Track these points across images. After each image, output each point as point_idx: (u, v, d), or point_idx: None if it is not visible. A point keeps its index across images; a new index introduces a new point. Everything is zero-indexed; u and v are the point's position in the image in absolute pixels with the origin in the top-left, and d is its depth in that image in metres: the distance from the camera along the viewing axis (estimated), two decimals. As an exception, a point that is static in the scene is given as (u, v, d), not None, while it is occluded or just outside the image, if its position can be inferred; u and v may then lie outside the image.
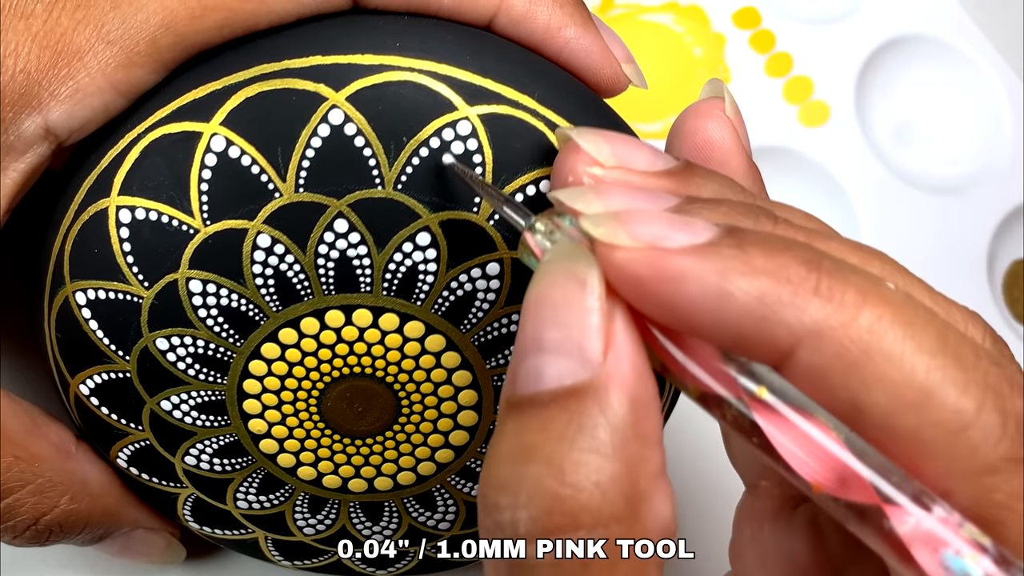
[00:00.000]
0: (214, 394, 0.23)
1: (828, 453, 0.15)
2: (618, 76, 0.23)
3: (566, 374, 0.15)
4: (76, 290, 0.22)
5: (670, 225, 0.16)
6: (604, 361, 0.15)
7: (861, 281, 0.15)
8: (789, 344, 0.15)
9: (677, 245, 0.16)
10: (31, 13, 0.20)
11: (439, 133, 0.21)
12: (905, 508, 0.15)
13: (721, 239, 0.16)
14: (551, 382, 0.15)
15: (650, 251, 0.16)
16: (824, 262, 0.16)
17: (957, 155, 0.40)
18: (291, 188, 0.21)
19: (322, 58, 0.21)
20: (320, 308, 0.22)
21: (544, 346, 0.16)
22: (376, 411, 0.23)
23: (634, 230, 0.16)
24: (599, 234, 0.16)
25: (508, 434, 0.16)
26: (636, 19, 0.39)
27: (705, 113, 0.21)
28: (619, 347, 0.16)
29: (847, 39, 0.40)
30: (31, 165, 0.21)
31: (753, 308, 0.15)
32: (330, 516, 0.25)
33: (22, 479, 0.23)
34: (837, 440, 0.15)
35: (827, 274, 0.15)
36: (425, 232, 0.21)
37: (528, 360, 0.16)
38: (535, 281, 0.16)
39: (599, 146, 0.19)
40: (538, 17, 0.22)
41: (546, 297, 0.16)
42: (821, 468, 0.15)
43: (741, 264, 0.15)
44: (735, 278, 0.15)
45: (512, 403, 0.16)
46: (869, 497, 0.15)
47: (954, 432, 0.15)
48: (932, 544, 0.15)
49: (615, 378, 0.15)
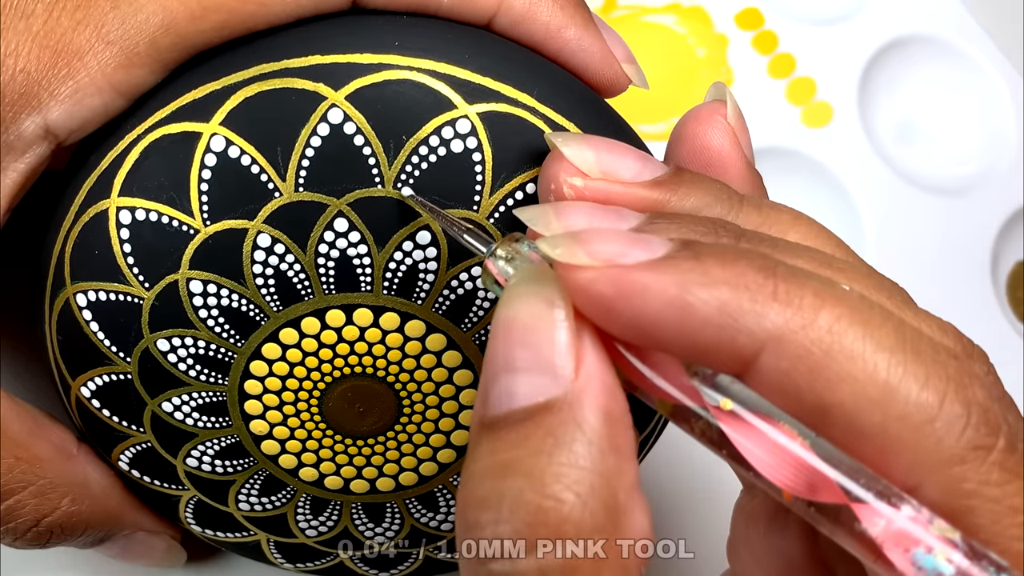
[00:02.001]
0: (215, 395, 0.23)
1: (795, 458, 0.16)
2: (619, 76, 0.23)
3: (538, 391, 0.16)
4: (77, 292, 0.22)
5: (627, 242, 0.16)
6: (576, 377, 0.16)
7: (816, 284, 0.16)
8: (752, 351, 0.15)
9: (635, 261, 0.16)
10: (31, 13, 0.21)
11: (438, 131, 0.21)
12: (874, 508, 0.15)
13: (677, 252, 0.16)
14: (523, 400, 0.16)
15: (609, 269, 0.16)
16: (779, 268, 0.16)
17: (961, 156, 0.40)
18: (291, 188, 0.21)
19: (321, 57, 0.21)
20: (321, 308, 0.22)
21: (515, 366, 0.16)
22: (377, 411, 0.23)
23: (592, 249, 0.16)
24: (557, 255, 0.16)
25: (483, 453, 0.16)
26: (639, 20, 0.39)
27: (706, 118, 0.21)
28: (589, 363, 0.16)
29: (850, 40, 0.39)
30: (31, 165, 0.21)
31: (714, 318, 0.15)
32: (332, 517, 0.25)
33: (24, 480, 0.23)
34: (804, 445, 0.16)
35: (783, 279, 0.16)
36: (425, 231, 0.21)
37: (499, 381, 0.16)
38: (502, 305, 0.17)
39: (583, 154, 0.19)
40: (538, 17, 0.22)
41: (514, 319, 0.16)
42: (790, 473, 0.16)
43: (699, 275, 0.16)
44: (694, 289, 0.15)
45: (485, 424, 0.16)
46: (838, 498, 0.15)
47: (919, 425, 0.15)
48: (903, 543, 0.15)
49: (588, 393, 0.16)
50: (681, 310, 0.15)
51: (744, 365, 0.16)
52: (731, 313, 0.15)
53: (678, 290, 0.15)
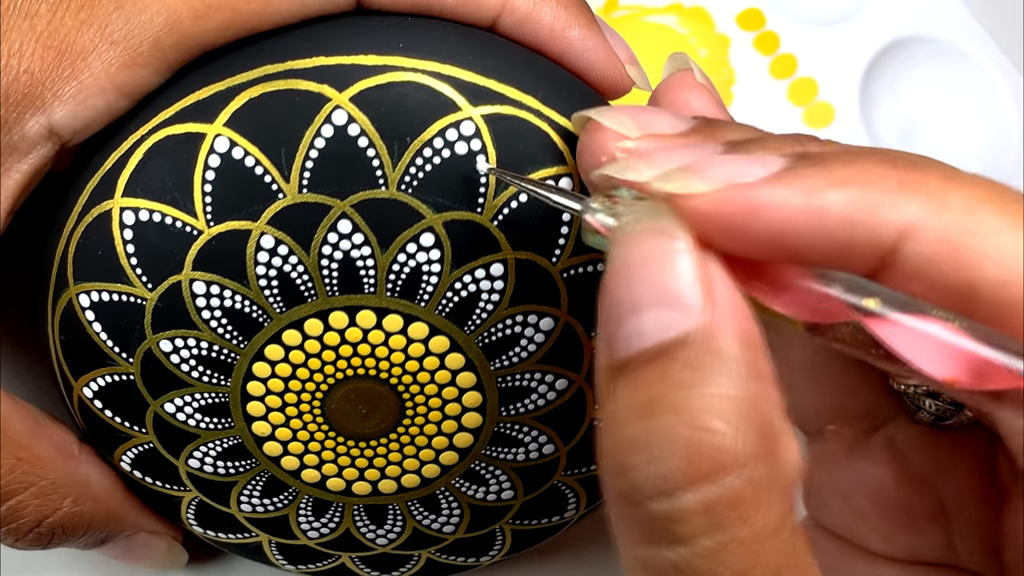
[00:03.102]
0: (217, 396, 0.23)
1: (954, 347, 0.15)
2: (622, 78, 0.23)
3: (670, 325, 0.15)
4: (79, 292, 0.22)
5: (743, 163, 0.16)
6: (707, 307, 0.15)
7: (939, 169, 0.16)
8: (891, 241, 0.15)
9: (756, 178, 0.16)
10: (35, 13, 0.20)
11: (443, 133, 0.21)
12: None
13: (795, 163, 0.16)
14: (656, 336, 0.15)
15: (731, 189, 0.16)
16: (899, 159, 0.16)
17: (962, 156, 0.40)
18: (295, 189, 0.21)
19: (326, 59, 0.21)
20: (324, 309, 0.22)
21: (641, 303, 0.15)
22: (380, 413, 0.23)
23: (709, 176, 0.16)
24: (673, 187, 0.16)
25: (621, 396, 0.15)
26: (640, 21, 0.39)
27: (678, 86, 0.21)
28: (719, 291, 0.15)
29: (852, 40, 0.39)
30: (34, 166, 0.21)
31: (848, 215, 0.15)
32: (334, 519, 0.25)
33: (25, 481, 0.23)
34: (959, 331, 0.15)
35: (905, 169, 0.16)
36: (429, 233, 0.21)
37: (626, 322, 0.16)
38: (617, 246, 0.16)
39: (621, 121, 0.19)
40: (542, 18, 0.22)
41: (634, 257, 0.16)
42: (952, 363, 0.15)
43: (824, 179, 0.15)
44: (823, 193, 0.15)
45: (616, 368, 0.16)
46: (1009, 382, 0.15)
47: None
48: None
49: (722, 321, 0.15)
50: (814, 215, 0.15)
51: (882, 259, 0.16)
52: (864, 208, 0.15)
53: (807, 197, 0.15)
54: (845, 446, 0.21)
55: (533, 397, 0.23)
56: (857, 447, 0.21)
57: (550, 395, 0.23)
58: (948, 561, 0.21)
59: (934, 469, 0.20)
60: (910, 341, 0.16)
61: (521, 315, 0.22)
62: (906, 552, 0.21)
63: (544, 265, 0.22)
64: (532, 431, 0.24)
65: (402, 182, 0.21)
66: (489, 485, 0.25)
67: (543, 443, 0.24)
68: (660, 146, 0.18)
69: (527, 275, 0.22)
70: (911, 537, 0.21)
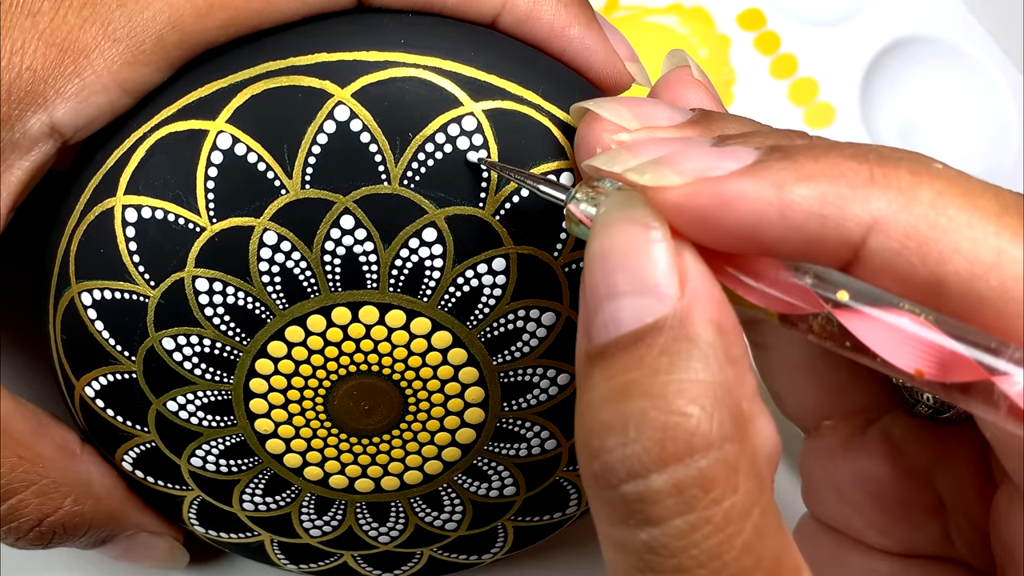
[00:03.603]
0: (220, 394, 0.23)
1: (922, 339, 0.15)
2: (622, 74, 0.23)
3: (646, 312, 0.16)
4: (82, 290, 0.22)
5: (715, 156, 0.16)
6: (682, 294, 0.16)
7: (910, 163, 0.16)
8: (859, 235, 0.15)
9: (727, 171, 0.16)
10: (38, 11, 0.21)
11: (444, 129, 0.21)
12: (1011, 374, 0.15)
13: (767, 156, 0.16)
14: (631, 322, 0.16)
15: (703, 182, 0.16)
16: (870, 154, 0.16)
17: (963, 156, 0.40)
18: (297, 185, 0.21)
19: (327, 55, 0.21)
20: (327, 305, 0.22)
21: (617, 291, 0.16)
22: (383, 409, 0.23)
23: (681, 168, 0.16)
24: (647, 180, 0.16)
25: (596, 382, 0.16)
26: (640, 21, 0.39)
27: (675, 82, 0.21)
28: (693, 278, 0.16)
29: (852, 40, 0.39)
30: (36, 163, 0.21)
31: (817, 209, 0.15)
32: (336, 517, 0.25)
33: (26, 480, 0.23)
34: (927, 324, 0.15)
35: (876, 163, 0.16)
36: (431, 228, 0.21)
37: (603, 309, 0.16)
38: (594, 236, 0.16)
39: (619, 112, 0.19)
40: (542, 16, 0.22)
41: (611, 246, 0.16)
42: (919, 356, 0.16)
43: (794, 172, 0.16)
44: (793, 186, 0.16)
45: (593, 354, 0.16)
46: (975, 374, 0.15)
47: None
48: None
49: (696, 307, 0.15)
50: (784, 208, 0.15)
51: (852, 252, 0.16)
52: (833, 202, 0.15)
53: (777, 189, 0.16)
54: (841, 441, 0.21)
55: (535, 392, 0.23)
56: (853, 441, 0.21)
57: (552, 390, 0.23)
58: (944, 554, 0.21)
59: (931, 462, 0.20)
60: (879, 334, 0.16)
61: (523, 310, 0.22)
62: (902, 545, 0.21)
63: (546, 260, 0.22)
64: (534, 426, 0.24)
65: (404, 177, 0.21)
66: (491, 481, 0.25)
67: (545, 438, 0.24)
68: (651, 139, 0.18)
69: (529, 270, 0.22)
70: (908, 530, 0.21)
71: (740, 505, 0.15)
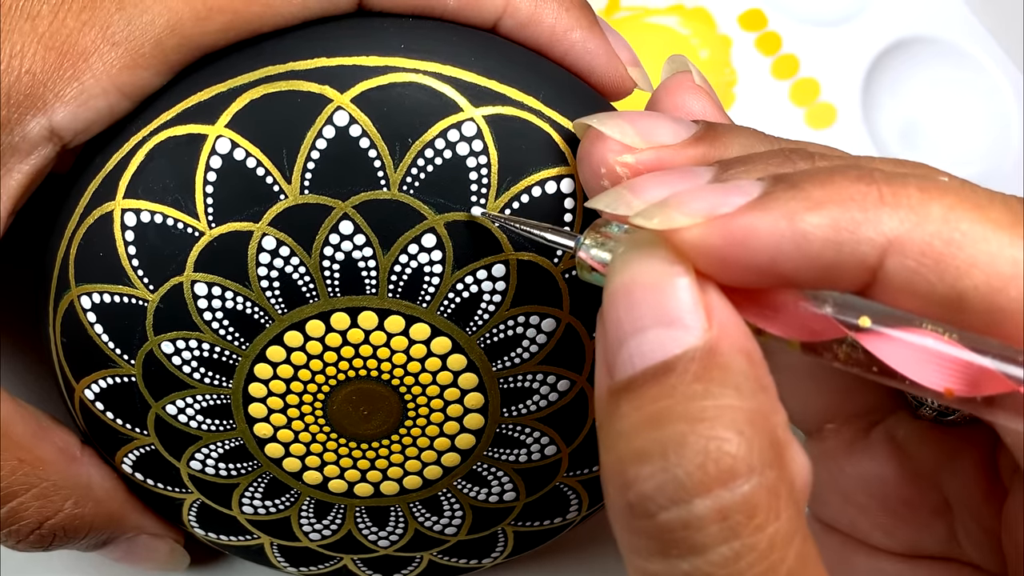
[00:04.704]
0: (219, 398, 0.23)
1: (948, 357, 0.15)
2: (624, 79, 0.23)
3: (674, 343, 0.15)
4: (81, 294, 0.22)
5: (720, 192, 0.16)
6: (710, 324, 0.16)
7: (916, 180, 0.16)
8: (876, 258, 0.15)
9: (735, 207, 0.16)
10: (37, 14, 0.20)
11: (444, 134, 0.21)
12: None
13: (773, 187, 0.16)
14: (659, 354, 0.15)
15: (712, 221, 0.16)
16: (875, 173, 0.16)
17: (964, 156, 0.39)
18: (296, 190, 0.21)
19: (327, 60, 0.21)
20: (326, 310, 0.22)
21: (642, 324, 0.16)
22: (382, 414, 0.23)
23: (688, 209, 0.16)
24: (655, 224, 0.16)
25: (625, 411, 0.16)
26: (641, 22, 0.39)
27: (676, 88, 0.21)
28: (719, 310, 0.16)
29: (854, 41, 0.39)
30: (35, 167, 0.21)
31: (831, 236, 0.15)
32: (336, 521, 0.25)
33: (26, 483, 0.23)
34: (951, 342, 0.15)
35: (884, 183, 0.16)
36: (431, 233, 0.21)
37: (627, 344, 0.16)
38: (615, 273, 0.16)
39: (623, 129, 0.19)
40: (544, 20, 0.22)
41: (632, 282, 0.16)
42: (948, 374, 0.16)
43: (803, 201, 0.16)
44: (804, 216, 0.15)
45: (618, 388, 0.16)
46: (1003, 386, 0.15)
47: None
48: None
49: (726, 338, 0.15)
50: (798, 238, 0.15)
51: (870, 275, 0.16)
52: (846, 227, 0.15)
53: (789, 221, 0.15)
54: (845, 443, 0.21)
55: (535, 398, 0.23)
56: (857, 444, 0.21)
57: (552, 396, 0.23)
58: (950, 554, 0.21)
59: (937, 464, 0.20)
60: (905, 355, 0.16)
61: (523, 316, 0.22)
62: (908, 546, 0.21)
63: (546, 266, 0.22)
64: (534, 432, 0.24)
65: (404, 183, 0.21)
66: (491, 486, 0.25)
67: (545, 444, 0.24)
68: (651, 176, 0.18)
69: (529, 276, 0.22)
70: (913, 531, 0.21)
71: (783, 532, 0.15)
